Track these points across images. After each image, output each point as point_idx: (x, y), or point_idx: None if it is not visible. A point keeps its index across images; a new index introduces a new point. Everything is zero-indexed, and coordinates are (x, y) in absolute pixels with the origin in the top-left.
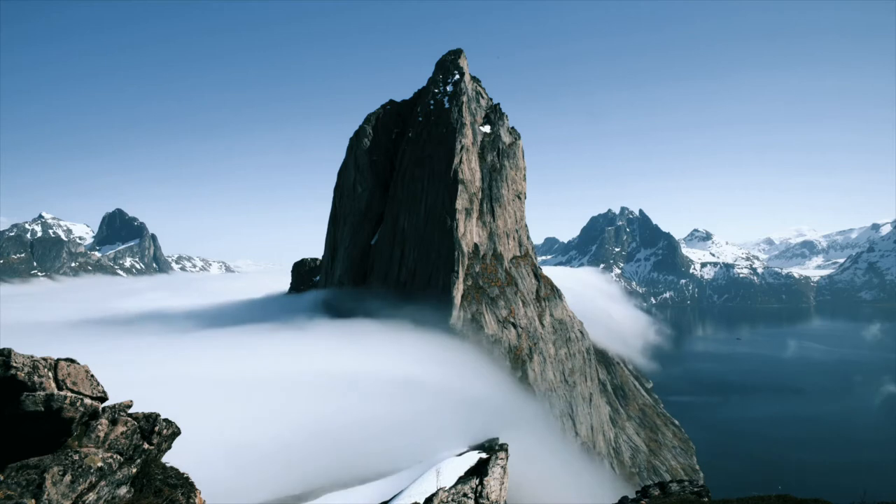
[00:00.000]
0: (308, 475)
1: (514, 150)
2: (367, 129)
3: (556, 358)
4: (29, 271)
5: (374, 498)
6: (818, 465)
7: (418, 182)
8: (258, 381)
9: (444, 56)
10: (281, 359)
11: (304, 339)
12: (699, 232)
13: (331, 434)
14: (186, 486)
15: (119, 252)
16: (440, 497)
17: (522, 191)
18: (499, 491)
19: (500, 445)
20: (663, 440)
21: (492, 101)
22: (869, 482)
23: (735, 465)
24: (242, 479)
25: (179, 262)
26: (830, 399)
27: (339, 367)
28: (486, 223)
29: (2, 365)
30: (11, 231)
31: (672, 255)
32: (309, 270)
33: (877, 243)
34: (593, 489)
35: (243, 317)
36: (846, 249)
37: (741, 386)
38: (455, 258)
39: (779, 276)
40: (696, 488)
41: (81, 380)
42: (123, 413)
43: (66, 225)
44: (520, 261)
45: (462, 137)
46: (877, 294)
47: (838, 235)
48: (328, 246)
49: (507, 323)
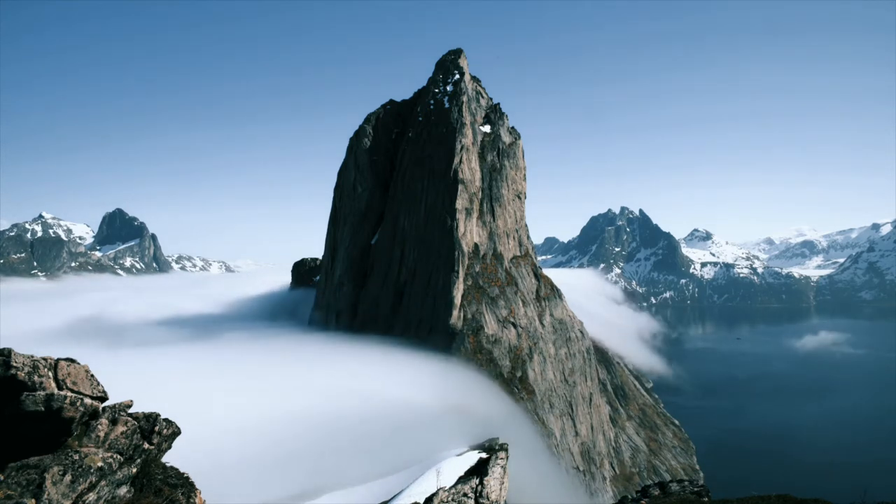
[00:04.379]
0: (308, 475)
1: (514, 149)
2: (367, 128)
3: (556, 358)
4: (29, 271)
5: (374, 498)
6: (818, 465)
7: (418, 182)
8: (258, 381)
9: (444, 56)
10: (281, 359)
11: (305, 340)
12: (699, 232)
13: (331, 434)
14: (186, 486)
15: (119, 252)
16: (440, 497)
17: (522, 190)
18: (499, 491)
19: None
20: (663, 440)
21: (492, 101)
22: (869, 482)
23: (735, 465)
24: (242, 479)
25: (179, 262)
26: (830, 399)
27: (338, 368)
28: (486, 223)
29: (2, 365)
30: (11, 231)
31: (672, 255)
32: (309, 270)
33: (877, 243)
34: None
35: (244, 319)
36: (846, 249)
37: (741, 386)
38: (455, 258)
39: (779, 275)
40: (696, 488)
41: (81, 380)
42: (123, 413)
43: (66, 225)
44: (520, 261)
45: (462, 137)
46: (877, 294)
47: (838, 235)
48: (328, 246)
49: (507, 323)
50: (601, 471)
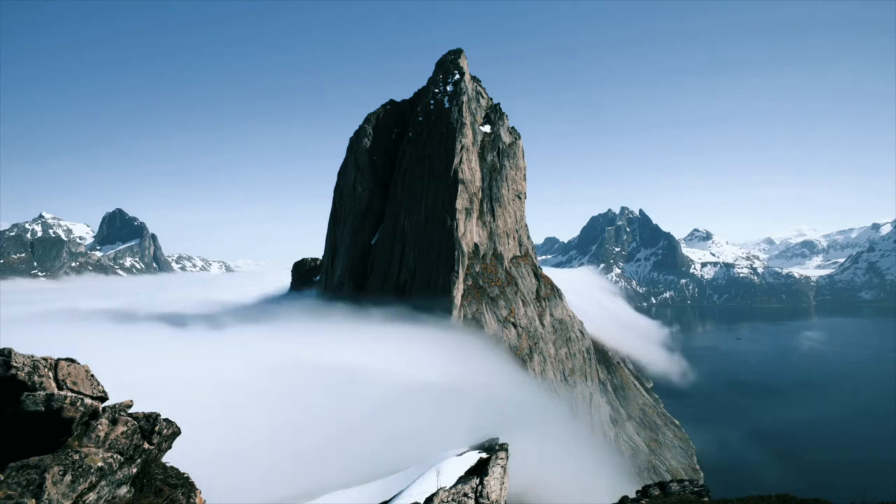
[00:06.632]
0: (308, 475)
1: (514, 149)
2: (368, 128)
3: (557, 358)
4: (29, 271)
5: (374, 498)
6: (818, 465)
7: (418, 182)
8: (258, 381)
9: (445, 56)
10: (280, 360)
11: (304, 342)
12: (699, 232)
13: (331, 434)
14: (186, 486)
15: (119, 252)
16: (440, 497)
17: (522, 190)
18: (499, 491)
19: (500, 445)
20: (663, 440)
21: (492, 101)
22: (869, 482)
23: (735, 465)
24: (242, 479)
25: (179, 262)
26: (831, 399)
27: (339, 368)
28: (486, 223)
29: (2, 365)
30: (11, 231)
31: (672, 255)
32: (309, 270)
33: (877, 243)
34: (612, 480)
35: (243, 317)
36: (846, 249)
37: (741, 386)
38: (455, 258)
39: (779, 275)
40: (696, 488)
41: (81, 379)
42: (124, 413)
43: (66, 225)
44: (520, 260)
45: (462, 137)
46: (877, 294)
47: (838, 235)
48: (328, 246)
49: (507, 323)
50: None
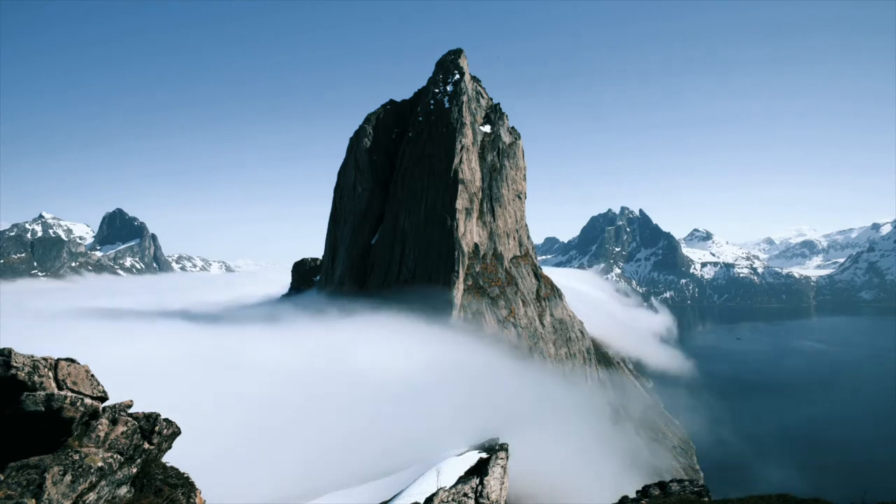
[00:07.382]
0: (308, 475)
1: (514, 149)
2: (368, 128)
3: (557, 357)
4: (29, 271)
5: (374, 498)
6: (818, 465)
7: (418, 182)
8: (258, 381)
9: (445, 56)
10: (280, 360)
11: (304, 342)
12: (699, 232)
13: (331, 434)
14: (186, 486)
15: (119, 252)
16: (440, 497)
17: (522, 190)
18: (499, 491)
19: (500, 445)
20: (663, 440)
21: (492, 101)
22: (869, 482)
23: (735, 465)
24: (242, 479)
25: (179, 262)
26: (831, 399)
27: (339, 368)
28: (486, 223)
29: (2, 365)
30: (11, 231)
31: (672, 255)
32: (309, 270)
33: (877, 243)
34: (612, 480)
35: (243, 317)
36: (846, 249)
37: (741, 386)
38: (455, 258)
39: (779, 275)
40: (696, 488)
41: (81, 379)
42: (124, 413)
43: (66, 225)
44: (520, 260)
45: (462, 137)
46: (877, 294)
47: (838, 235)
48: (328, 246)
49: (508, 323)
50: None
